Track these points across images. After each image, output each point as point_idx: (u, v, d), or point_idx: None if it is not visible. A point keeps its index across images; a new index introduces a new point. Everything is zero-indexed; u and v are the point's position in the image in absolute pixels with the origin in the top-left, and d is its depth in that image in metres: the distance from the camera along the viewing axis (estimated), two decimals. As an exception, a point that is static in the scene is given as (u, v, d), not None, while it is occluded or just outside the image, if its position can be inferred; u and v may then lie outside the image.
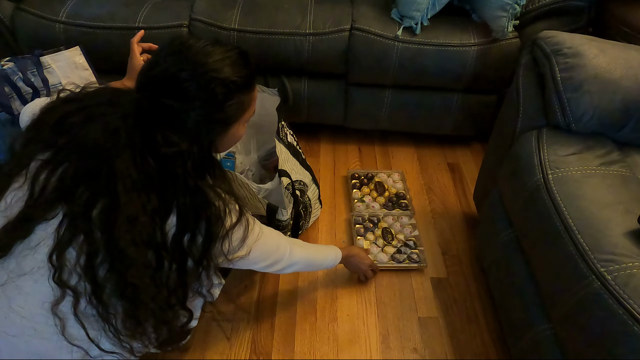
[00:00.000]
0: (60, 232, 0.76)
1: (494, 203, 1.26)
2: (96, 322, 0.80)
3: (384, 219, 1.56)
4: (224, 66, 0.81)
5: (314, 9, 1.61)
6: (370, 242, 1.48)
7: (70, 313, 0.78)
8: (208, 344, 1.21)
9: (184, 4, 1.63)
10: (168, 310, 0.85)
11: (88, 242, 0.76)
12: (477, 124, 1.79)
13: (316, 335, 1.25)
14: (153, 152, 0.77)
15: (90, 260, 0.76)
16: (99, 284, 0.77)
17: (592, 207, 0.92)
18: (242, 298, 1.32)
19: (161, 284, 0.80)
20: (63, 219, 0.77)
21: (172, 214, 0.79)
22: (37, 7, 1.58)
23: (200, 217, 0.80)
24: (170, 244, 0.79)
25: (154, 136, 0.77)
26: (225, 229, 0.83)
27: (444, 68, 1.59)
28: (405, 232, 1.52)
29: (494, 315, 1.31)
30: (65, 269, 0.77)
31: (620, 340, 0.76)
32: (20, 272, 0.79)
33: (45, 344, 0.79)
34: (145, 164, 0.76)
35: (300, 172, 1.44)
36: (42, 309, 0.78)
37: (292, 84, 1.70)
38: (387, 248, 1.46)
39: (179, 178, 0.78)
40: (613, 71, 1.06)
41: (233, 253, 0.88)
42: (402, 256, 1.44)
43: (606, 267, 0.81)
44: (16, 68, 1.28)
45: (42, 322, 0.78)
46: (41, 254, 0.78)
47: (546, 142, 1.08)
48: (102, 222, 0.76)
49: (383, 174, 1.73)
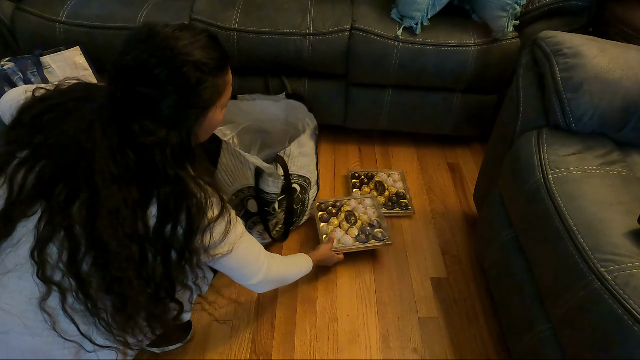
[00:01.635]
0: (40, 228, 0.76)
1: (494, 203, 1.26)
2: (86, 317, 0.80)
3: (347, 203, 1.57)
4: (194, 49, 0.79)
5: (314, 9, 1.61)
6: (333, 226, 1.49)
7: (59, 308, 0.78)
8: (208, 344, 1.21)
9: (184, 4, 1.63)
10: (157, 304, 0.85)
11: (69, 238, 0.76)
12: (477, 124, 1.79)
13: (316, 335, 1.25)
14: (131, 143, 0.77)
15: (73, 255, 0.76)
16: (84, 279, 0.77)
17: (592, 207, 0.92)
18: (242, 298, 1.32)
19: (147, 277, 0.80)
20: (42, 215, 0.77)
21: (152, 204, 0.78)
22: (37, 7, 1.58)
23: (181, 207, 0.79)
24: (152, 235, 0.79)
25: (131, 127, 0.77)
26: (207, 221, 0.82)
27: (444, 68, 1.59)
28: (368, 212, 1.53)
29: (494, 315, 1.31)
30: (48, 265, 0.77)
31: (620, 340, 0.76)
32: (5, 270, 0.79)
33: (36, 340, 0.80)
34: (124, 156, 0.76)
35: (312, 170, 1.49)
36: (29, 304, 0.78)
37: (292, 84, 1.70)
38: (350, 230, 1.47)
39: (158, 168, 0.77)
40: (613, 71, 1.06)
41: (214, 248, 0.87)
42: (367, 237, 1.45)
43: (606, 267, 0.81)
44: (16, 68, 1.28)
45: (31, 318, 0.79)
46: (23, 251, 0.78)
47: (546, 142, 1.08)
48: (83, 217, 0.75)
49: (383, 174, 1.73)
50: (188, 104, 0.81)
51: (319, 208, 1.55)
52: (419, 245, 1.50)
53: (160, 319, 0.87)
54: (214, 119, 0.89)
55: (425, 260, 1.46)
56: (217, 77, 0.84)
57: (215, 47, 0.84)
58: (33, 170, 0.79)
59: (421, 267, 1.43)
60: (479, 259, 1.43)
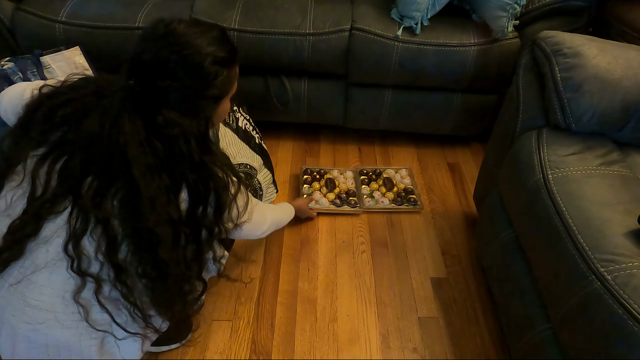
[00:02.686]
0: (72, 223, 0.79)
1: (494, 203, 1.26)
2: (119, 305, 0.83)
3: (330, 172, 1.72)
4: (210, 44, 0.84)
5: (314, 9, 1.61)
6: (314, 189, 1.65)
7: (93, 299, 0.81)
8: (208, 344, 1.21)
9: (184, 4, 1.63)
10: (186, 283, 0.90)
11: (105, 230, 0.79)
12: (477, 124, 1.79)
13: (316, 335, 1.25)
14: (157, 134, 0.81)
15: (111, 246, 0.79)
16: (122, 268, 0.80)
17: (592, 207, 0.92)
18: (242, 298, 1.32)
19: (182, 257, 0.85)
20: (72, 210, 0.79)
21: (182, 190, 0.83)
22: (37, 7, 1.58)
23: (209, 189, 0.86)
24: (185, 218, 0.84)
25: (155, 119, 0.81)
26: (231, 197, 0.90)
27: (444, 68, 1.59)
28: (348, 183, 1.69)
29: (494, 315, 1.31)
30: (84, 258, 0.79)
31: (620, 340, 0.76)
32: (35, 268, 0.81)
33: (65, 332, 0.81)
34: (153, 147, 0.80)
35: (249, 156, 1.48)
36: (61, 298, 0.80)
37: (292, 84, 1.70)
38: (328, 195, 1.64)
39: (184, 155, 0.82)
40: (613, 71, 1.06)
41: (240, 218, 0.96)
42: (342, 203, 1.61)
43: (606, 267, 0.81)
44: (16, 68, 1.28)
45: (62, 311, 0.81)
46: (55, 246, 0.80)
47: (546, 142, 1.08)
48: (123, 207, 0.79)
49: (391, 170, 1.75)
50: (207, 95, 0.86)
51: (305, 172, 1.72)
52: (419, 245, 1.50)
53: (186, 297, 0.92)
54: (225, 108, 0.95)
55: (425, 260, 1.46)
56: (231, 69, 0.90)
57: (227, 41, 0.89)
58: (55, 166, 0.81)
59: (421, 267, 1.43)
60: (479, 259, 1.43)
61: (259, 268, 1.41)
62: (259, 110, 1.74)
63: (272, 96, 1.72)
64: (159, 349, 1.17)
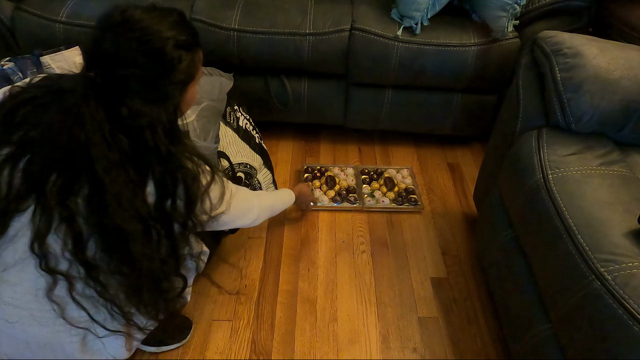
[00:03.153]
0: (36, 221, 0.77)
1: (494, 203, 1.26)
2: (96, 302, 0.81)
3: (331, 169, 1.73)
4: (170, 29, 0.81)
5: (314, 9, 1.61)
6: (315, 187, 1.67)
7: (67, 297, 0.79)
8: (208, 343, 1.21)
9: (184, 4, 1.63)
10: (164, 279, 0.87)
11: (70, 227, 0.77)
12: (477, 124, 1.79)
13: (316, 335, 1.25)
14: (122, 127, 0.78)
15: (77, 243, 0.77)
16: (92, 265, 0.78)
17: (592, 207, 0.92)
18: (242, 298, 1.32)
19: (154, 253, 0.82)
20: (36, 208, 0.78)
21: (148, 182, 0.80)
22: (37, 7, 1.58)
23: (178, 180, 0.82)
24: (153, 213, 0.81)
25: (119, 111, 0.78)
26: (203, 188, 0.87)
27: (444, 68, 1.59)
28: (348, 180, 1.70)
29: (494, 315, 1.31)
30: (51, 256, 0.78)
31: (620, 340, 0.76)
32: (5, 266, 0.80)
33: (43, 329, 0.81)
34: (117, 140, 0.77)
35: (249, 156, 1.47)
36: (34, 296, 0.79)
37: (292, 84, 1.70)
38: (328, 192, 1.65)
39: (151, 147, 0.79)
40: (613, 71, 1.06)
41: (215, 210, 0.93)
42: (342, 200, 1.62)
43: (606, 267, 0.81)
44: (16, 68, 1.28)
45: (37, 308, 0.80)
46: (21, 245, 0.79)
47: (546, 142, 1.08)
48: (88, 204, 0.77)
49: (392, 170, 1.75)
50: (172, 81, 0.83)
51: (306, 171, 1.73)
52: (419, 245, 1.50)
53: (166, 295, 0.90)
54: (193, 94, 0.92)
55: (425, 260, 1.46)
56: (194, 53, 0.86)
57: (187, 24, 0.86)
58: (17, 166, 0.79)
59: (421, 267, 1.43)
60: (479, 259, 1.43)
61: (259, 268, 1.41)
62: (259, 110, 1.74)
63: (272, 96, 1.72)
64: (159, 349, 1.17)
